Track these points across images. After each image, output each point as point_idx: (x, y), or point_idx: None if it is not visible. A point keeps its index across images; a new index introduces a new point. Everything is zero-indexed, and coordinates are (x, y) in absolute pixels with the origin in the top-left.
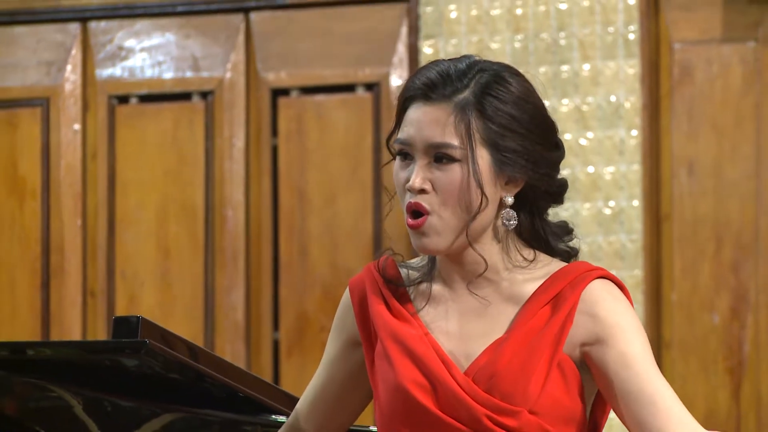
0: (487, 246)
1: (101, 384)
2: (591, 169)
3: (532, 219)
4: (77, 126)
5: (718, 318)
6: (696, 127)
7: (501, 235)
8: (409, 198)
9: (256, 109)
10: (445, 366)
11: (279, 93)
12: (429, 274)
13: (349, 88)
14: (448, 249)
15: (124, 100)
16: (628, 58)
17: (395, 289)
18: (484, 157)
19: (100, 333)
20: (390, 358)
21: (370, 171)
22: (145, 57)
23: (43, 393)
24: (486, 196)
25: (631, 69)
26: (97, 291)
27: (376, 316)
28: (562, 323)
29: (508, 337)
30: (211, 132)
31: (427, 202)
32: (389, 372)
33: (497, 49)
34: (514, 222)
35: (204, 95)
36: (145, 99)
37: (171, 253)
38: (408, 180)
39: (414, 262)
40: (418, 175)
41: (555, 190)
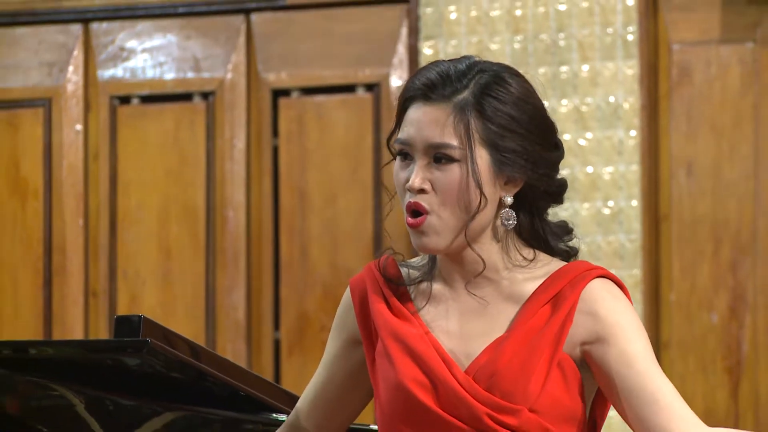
0: (486, 245)
1: (103, 383)
2: (590, 169)
3: (532, 219)
4: (79, 126)
5: (717, 318)
6: (695, 127)
7: (500, 235)
8: (408, 198)
9: (257, 110)
10: (445, 365)
11: (279, 93)
12: (429, 274)
13: (349, 88)
14: (448, 248)
15: (125, 100)
16: (627, 59)
17: (396, 288)
18: (483, 157)
19: (102, 332)
20: (391, 357)
21: (370, 171)
22: (146, 58)
23: (46, 392)
24: (485, 196)
25: (630, 70)
26: (99, 291)
27: (377, 315)
28: (562, 322)
29: (509, 336)
30: (212, 132)
31: (426, 201)
32: (390, 371)
33: (497, 50)
34: (513, 222)
35: (205, 96)
36: (147, 100)
37: (172, 253)
38: (408, 180)
39: (414, 261)
40: (417, 175)
41: (554, 190)
